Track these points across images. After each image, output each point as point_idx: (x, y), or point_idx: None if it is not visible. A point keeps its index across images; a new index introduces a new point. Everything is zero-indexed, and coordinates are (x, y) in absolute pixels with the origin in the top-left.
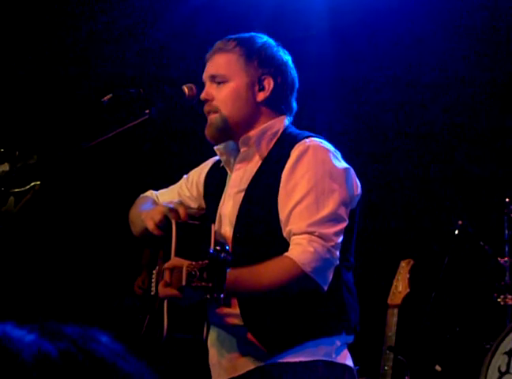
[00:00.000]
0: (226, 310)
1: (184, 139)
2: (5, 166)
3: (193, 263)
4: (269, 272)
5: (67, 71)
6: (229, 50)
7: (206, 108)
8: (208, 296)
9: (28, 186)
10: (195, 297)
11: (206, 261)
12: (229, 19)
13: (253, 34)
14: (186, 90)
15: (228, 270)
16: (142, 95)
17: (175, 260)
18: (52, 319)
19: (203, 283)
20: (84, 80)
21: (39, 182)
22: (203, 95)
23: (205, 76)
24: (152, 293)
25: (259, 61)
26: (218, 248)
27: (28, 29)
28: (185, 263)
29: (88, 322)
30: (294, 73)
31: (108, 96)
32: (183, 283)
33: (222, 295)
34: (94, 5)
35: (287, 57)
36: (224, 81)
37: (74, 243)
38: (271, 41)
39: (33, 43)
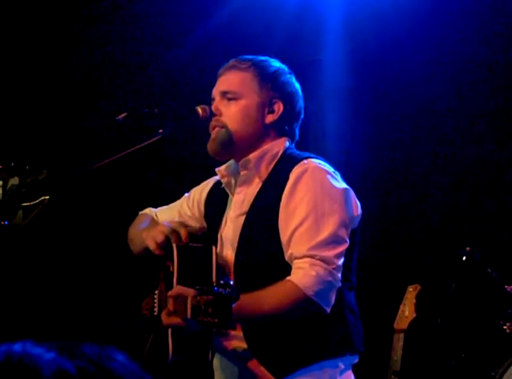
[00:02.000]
0: (230, 333)
1: (194, 159)
2: (15, 180)
3: (198, 297)
4: (271, 297)
5: (83, 89)
6: (244, 68)
7: (213, 123)
8: (214, 330)
9: (37, 201)
10: (199, 327)
11: (211, 297)
12: (243, 42)
13: (267, 57)
14: (199, 111)
15: (233, 305)
16: (156, 115)
17: (178, 289)
18: (62, 335)
19: (209, 319)
20: (100, 98)
21: (48, 197)
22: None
23: (216, 91)
24: (155, 313)
25: (272, 84)
26: (222, 282)
27: (44, 46)
28: (189, 293)
29: (94, 340)
30: (302, 102)
31: (123, 115)
32: (188, 316)
33: (228, 331)
34: (111, 24)
35: (297, 85)
36: (235, 98)
37: (81, 259)
38: (285, 67)
39: (50, 59)
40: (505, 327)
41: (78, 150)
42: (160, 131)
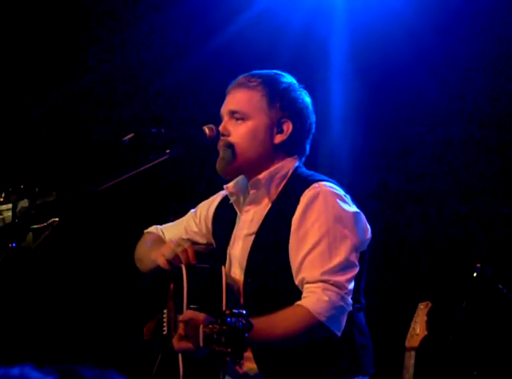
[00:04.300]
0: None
1: (202, 179)
2: (25, 203)
3: (211, 325)
4: (284, 322)
5: (90, 110)
6: (252, 87)
7: (221, 143)
8: (227, 359)
9: (47, 223)
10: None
11: (225, 327)
12: (249, 59)
13: (277, 72)
14: (206, 130)
15: (247, 335)
16: (163, 135)
17: (189, 314)
18: (66, 357)
19: (222, 348)
20: (107, 119)
21: (57, 219)
22: (220, 129)
23: (225, 110)
24: (165, 332)
25: (281, 103)
26: (236, 311)
27: (51, 67)
28: (200, 320)
29: (102, 360)
30: (313, 117)
31: (130, 136)
32: (201, 344)
33: (241, 360)
34: (115, 44)
35: (308, 100)
36: (243, 118)
37: (89, 281)
38: (295, 83)
39: (57, 81)
40: None
41: (87, 171)
42: (168, 151)
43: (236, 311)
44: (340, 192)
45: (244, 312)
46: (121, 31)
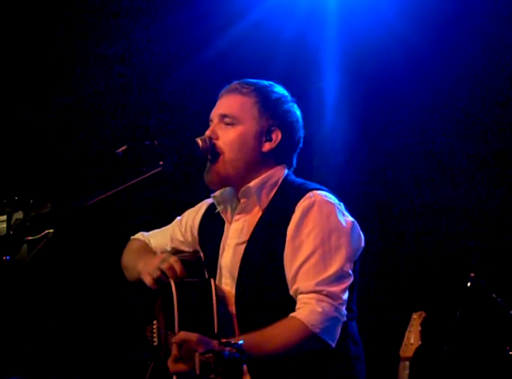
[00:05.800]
0: None
1: (195, 190)
2: (19, 215)
3: (207, 355)
4: (278, 335)
5: (84, 122)
6: (245, 93)
7: (209, 152)
8: None
9: (42, 234)
10: None
11: (223, 359)
12: (243, 70)
13: (271, 83)
14: (199, 142)
15: (244, 366)
16: (156, 147)
17: (182, 336)
18: (58, 370)
19: (219, 378)
20: (100, 131)
21: (52, 231)
22: (208, 133)
23: (215, 113)
24: (155, 343)
25: (273, 112)
26: (231, 342)
27: (44, 79)
28: (194, 341)
29: (96, 369)
30: (302, 132)
31: (123, 148)
32: (197, 372)
33: None
34: (109, 56)
35: (299, 113)
36: (233, 123)
37: (84, 290)
38: (287, 95)
39: (51, 93)
40: (511, 352)
41: (81, 183)
42: (161, 163)
43: (232, 342)
44: (335, 201)
45: (240, 343)
46: (115, 42)
